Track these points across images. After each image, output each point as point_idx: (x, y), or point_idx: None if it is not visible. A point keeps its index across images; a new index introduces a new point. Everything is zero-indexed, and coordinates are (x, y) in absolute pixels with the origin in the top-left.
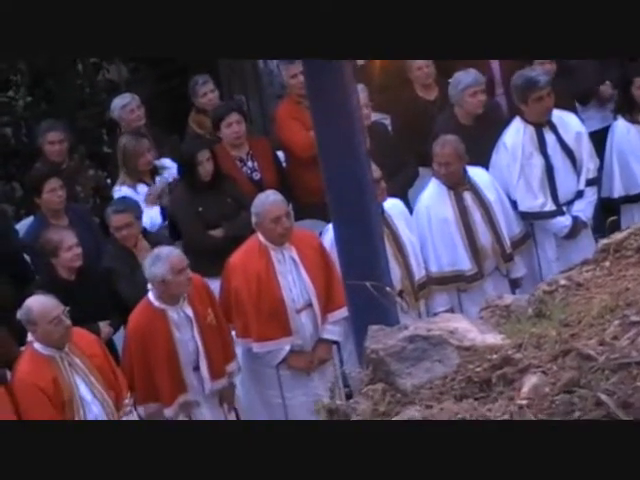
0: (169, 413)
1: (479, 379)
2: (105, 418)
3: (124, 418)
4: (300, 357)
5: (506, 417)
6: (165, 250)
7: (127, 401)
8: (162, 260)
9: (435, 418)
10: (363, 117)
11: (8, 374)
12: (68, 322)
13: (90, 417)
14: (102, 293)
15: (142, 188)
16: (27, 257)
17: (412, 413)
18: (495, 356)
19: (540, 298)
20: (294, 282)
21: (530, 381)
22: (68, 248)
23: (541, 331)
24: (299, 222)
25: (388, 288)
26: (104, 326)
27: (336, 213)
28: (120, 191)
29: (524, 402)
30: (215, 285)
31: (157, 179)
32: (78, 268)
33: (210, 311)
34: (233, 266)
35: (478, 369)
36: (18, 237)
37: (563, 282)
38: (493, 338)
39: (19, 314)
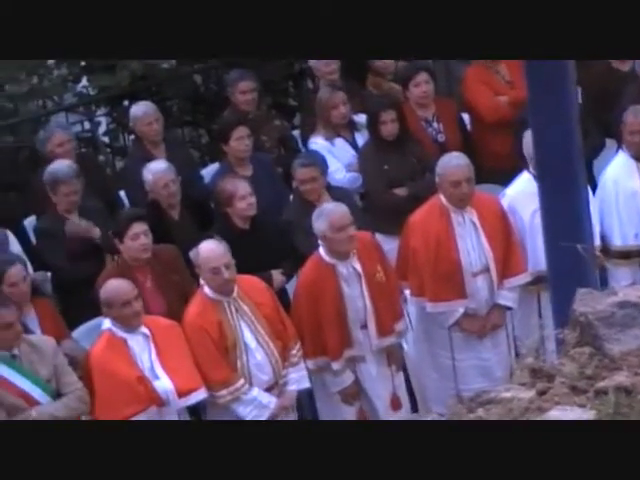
0: (336, 367)
1: None
2: (268, 366)
3: (290, 369)
4: (473, 320)
5: None
6: (329, 206)
7: (294, 352)
8: (324, 216)
9: None
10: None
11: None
12: (226, 275)
13: (252, 364)
14: (277, 243)
15: (340, 142)
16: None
17: (620, 379)
18: None
19: None
20: (473, 246)
21: None
22: (242, 197)
23: None
24: (478, 185)
25: (598, 252)
26: (277, 274)
27: (543, 179)
28: (316, 143)
29: None
30: (394, 244)
31: None
32: (253, 217)
33: (379, 268)
34: (413, 225)
35: None
36: (203, 183)
37: None
38: None
39: (191, 255)
